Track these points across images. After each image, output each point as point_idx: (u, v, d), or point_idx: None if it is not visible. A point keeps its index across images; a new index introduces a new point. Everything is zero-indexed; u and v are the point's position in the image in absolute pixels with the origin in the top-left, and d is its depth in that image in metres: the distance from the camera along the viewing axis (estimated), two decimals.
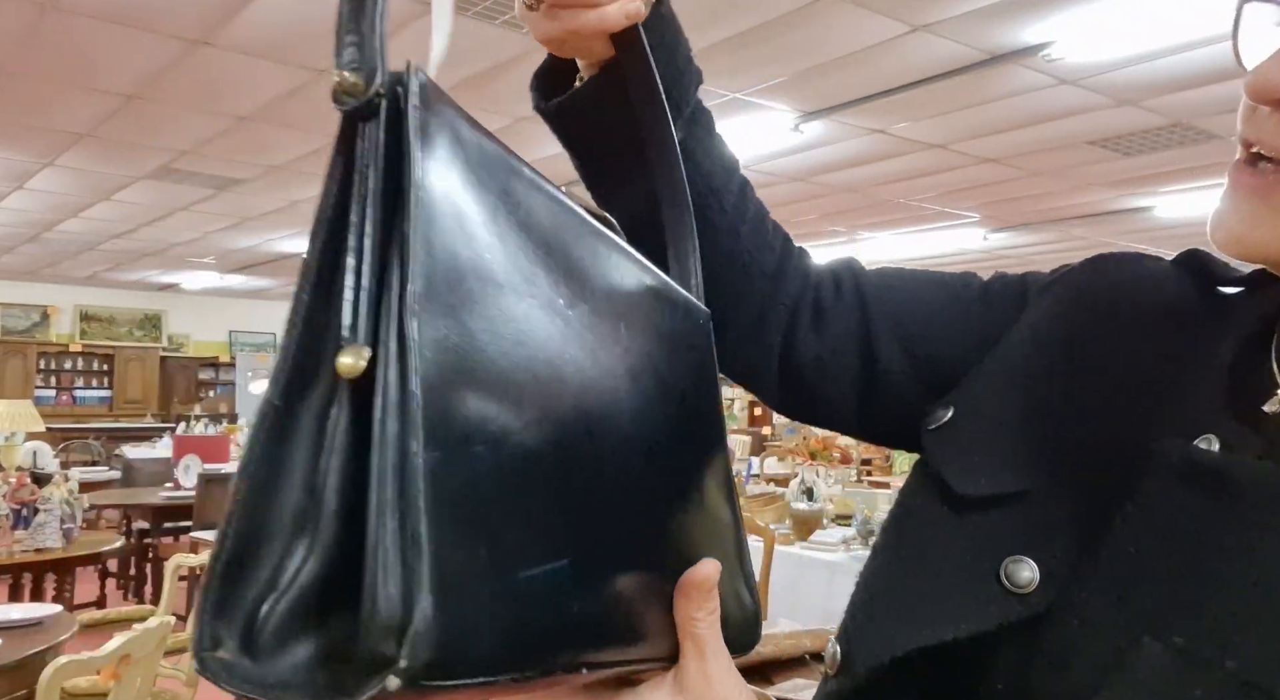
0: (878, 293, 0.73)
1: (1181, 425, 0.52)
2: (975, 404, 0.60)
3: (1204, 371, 0.55)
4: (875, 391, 0.69)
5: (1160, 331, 0.59)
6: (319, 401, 0.32)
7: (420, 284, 0.31)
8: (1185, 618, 0.44)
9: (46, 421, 8.31)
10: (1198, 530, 0.47)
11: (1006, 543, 0.52)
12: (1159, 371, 0.57)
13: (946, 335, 0.68)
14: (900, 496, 0.62)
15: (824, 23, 3.75)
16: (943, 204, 7.05)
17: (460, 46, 4.03)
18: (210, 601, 0.31)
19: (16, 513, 4.23)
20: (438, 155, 0.34)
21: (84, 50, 4.15)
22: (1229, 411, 0.52)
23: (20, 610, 3.04)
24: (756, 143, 5.36)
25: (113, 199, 7.24)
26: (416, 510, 0.29)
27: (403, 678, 0.28)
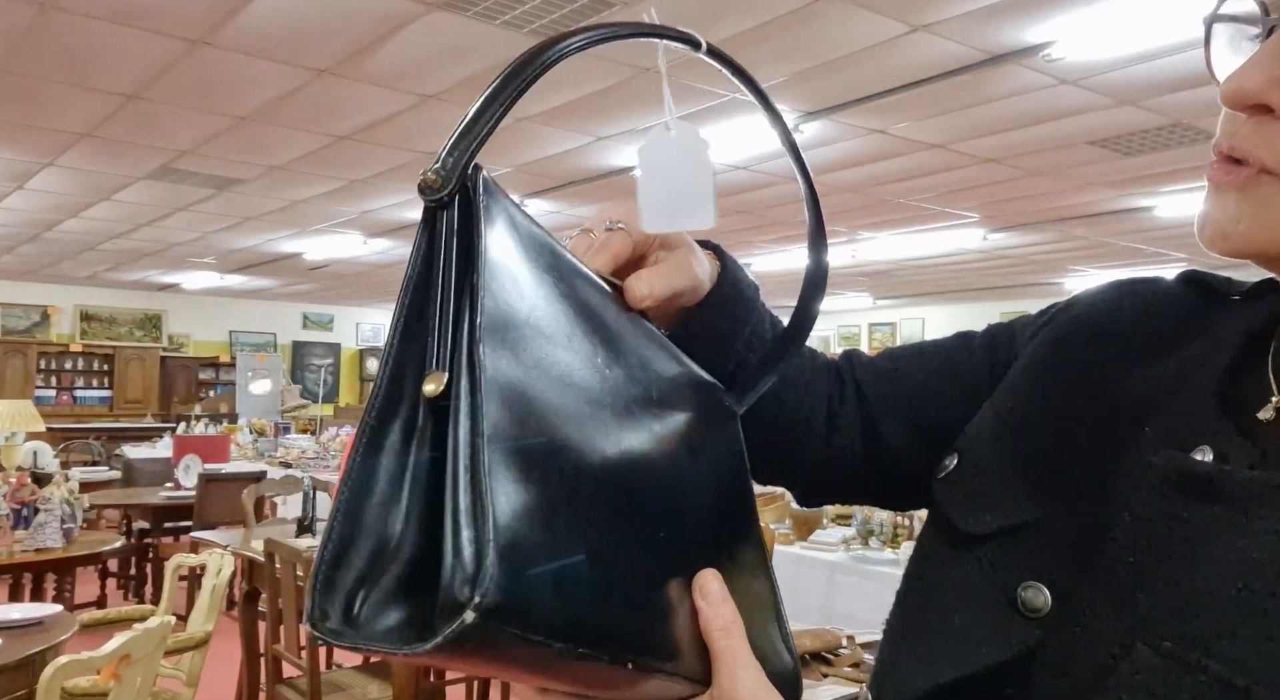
0: (876, 387, 0.76)
1: (1178, 438, 0.53)
2: (977, 448, 0.62)
3: (1199, 383, 0.56)
4: (891, 471, 0.74)
5: (1154, 349, 0.60)
6: (406, 420, 0.41)
7: (486, 321, 0.40)
8: (1174, 623, 0.45)
9: (47, 421, 8.31)
10: (1189, 538, 0.48)
11: (1018, 572, 0.54)
12: (1154, 388, 0.58)
13: (947, 404, 0.71)
14: (917, 545, 0.65)
15: (824, 23, 3.75)
16: (943, 204, 7.05)
17: (459, 46, 4.03)
18: (320, 584, 0.39)
19: (17, 513, 4.23)
20: (498, 233, 0.44)
21: (84, 50, 4.15)
22: (1224, 421, 0.53)
23: (20, 610, 3.04)
24: (756, 143, 5.36)
25: (113, 199, 7.24)
26: (484, 489, 0.37)
27: (477, 612, 0.35)
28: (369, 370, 15.81)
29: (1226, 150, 0.50)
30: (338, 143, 5.56)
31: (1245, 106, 0.48)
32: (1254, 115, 0.48)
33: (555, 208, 7.31)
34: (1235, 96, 0.48)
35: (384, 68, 4.28)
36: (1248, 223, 0.49)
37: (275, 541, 3.36)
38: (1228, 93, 0.48)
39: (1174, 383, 0.57)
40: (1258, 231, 0.49)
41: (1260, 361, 0.55)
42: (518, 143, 5.47)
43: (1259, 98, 0.47)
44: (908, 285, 11.88)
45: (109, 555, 4.91)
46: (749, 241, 8.73)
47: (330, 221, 8.07)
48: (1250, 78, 0.47)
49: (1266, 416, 0.52)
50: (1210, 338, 0.58)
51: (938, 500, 0.62)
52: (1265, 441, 0.51)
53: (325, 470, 6.92)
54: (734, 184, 6.44)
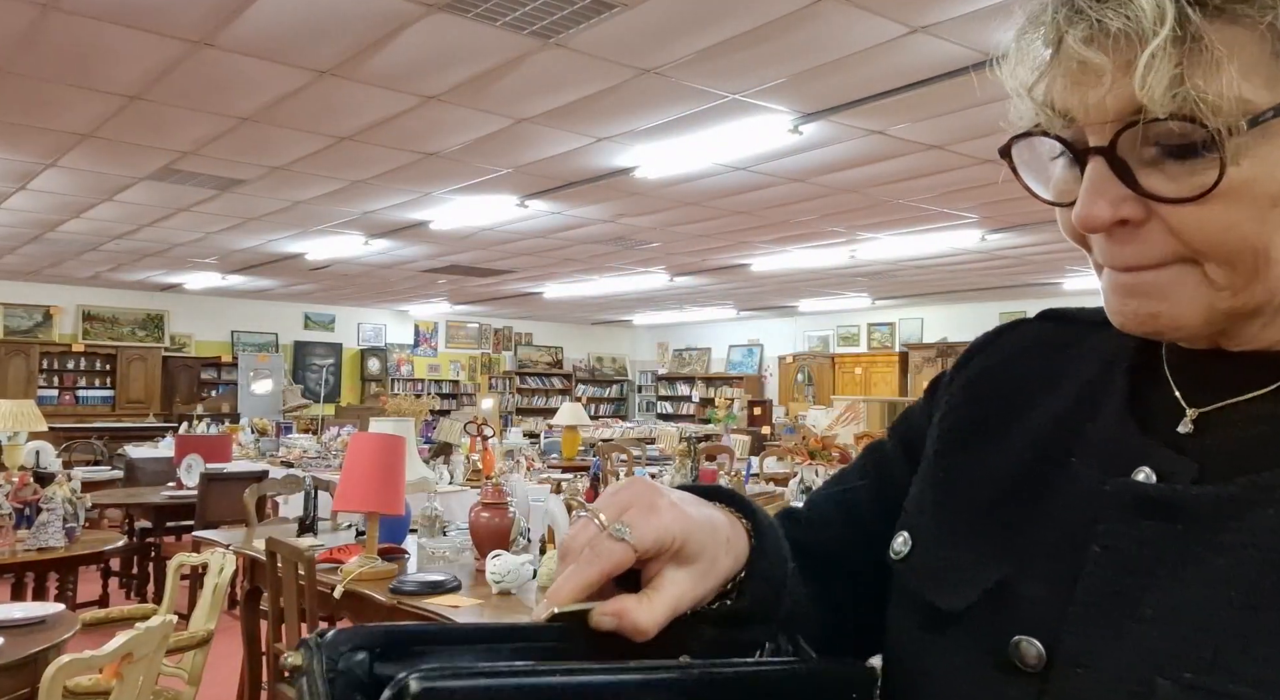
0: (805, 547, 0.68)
1: (1110, 463, 0.55)
2: (922, 524, 0.63)
3: (1109, 407, 0.58)
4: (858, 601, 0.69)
5: (1050, 382, 0.63)
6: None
7: None
8: (1186, 652, 0.46)
9: (49, 421, 8.32)
10: (1164, 560, 0.50)
11: (1004, 631, 0.54)
12: (1065, 418, 0.60)
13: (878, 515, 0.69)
14: (890, 630, 0.64)
15: (823, 24, 3.76)
16: (941, 204, 7.05)
17: (461, 48, 4.04)
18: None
19: (19, 512, 4.24)
20: None
21: (86, 51, 4.16)
22: (1150, 441, 0.55)
23: (23, 609, 3.05)
24: (755, 144, 5.37)
25: (115, 199, 7.26)
26: None
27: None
28: (370, 370, 15.82)
29: (1125, 266, 0.52)
30: (339, 143, 5.58)
31: (1103, 228, 0.52)
32: (1114, 230, 0.52)
33: (555, 208, 7.32)
34: (1093, 223, 0.51)
35: (385, 69, 4.29)
36: (1170, 308, 0.52)
37: (277, 540, 3.37)
38: (1084, 223, 0.51)
39: (1083, 410, 0.60)
40: (1184, 313, 0.51)
41: (1156, 378, 0.57)
42: (518, 143, 5.48)
43: (1112, 219, 0.51)
44: (907, 285, 11.88)
45: (111, 554, 4.92)
46: (748, 242, 8.74)
47: (332, 222, 8.08)
48: (1094, 206, 0.51)
49: (1185, 430, 0.54)
50: (1097, 362, 0.61)
51: (904, 583, 0.62)
52: (1196, 455, 0.53)
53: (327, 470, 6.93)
54: (734, 184, 6.45)
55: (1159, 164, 0.49)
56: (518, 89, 4.55)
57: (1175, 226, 0.49)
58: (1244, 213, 0.48)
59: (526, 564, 3.19)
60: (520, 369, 17.65)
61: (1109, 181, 0.50)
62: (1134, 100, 0.47)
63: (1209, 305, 0.51)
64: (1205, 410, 0.54)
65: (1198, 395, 0.55)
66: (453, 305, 15.19)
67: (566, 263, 10.29)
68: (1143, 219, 0.50)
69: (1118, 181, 0.50)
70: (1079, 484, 0.56)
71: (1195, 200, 0.48)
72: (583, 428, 9.86)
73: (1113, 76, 0.48)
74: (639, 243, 8.96)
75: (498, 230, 8.28)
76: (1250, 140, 0.46)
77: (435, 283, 12.24)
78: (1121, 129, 0.49)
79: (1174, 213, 0.49)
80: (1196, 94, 0.45)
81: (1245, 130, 0.46)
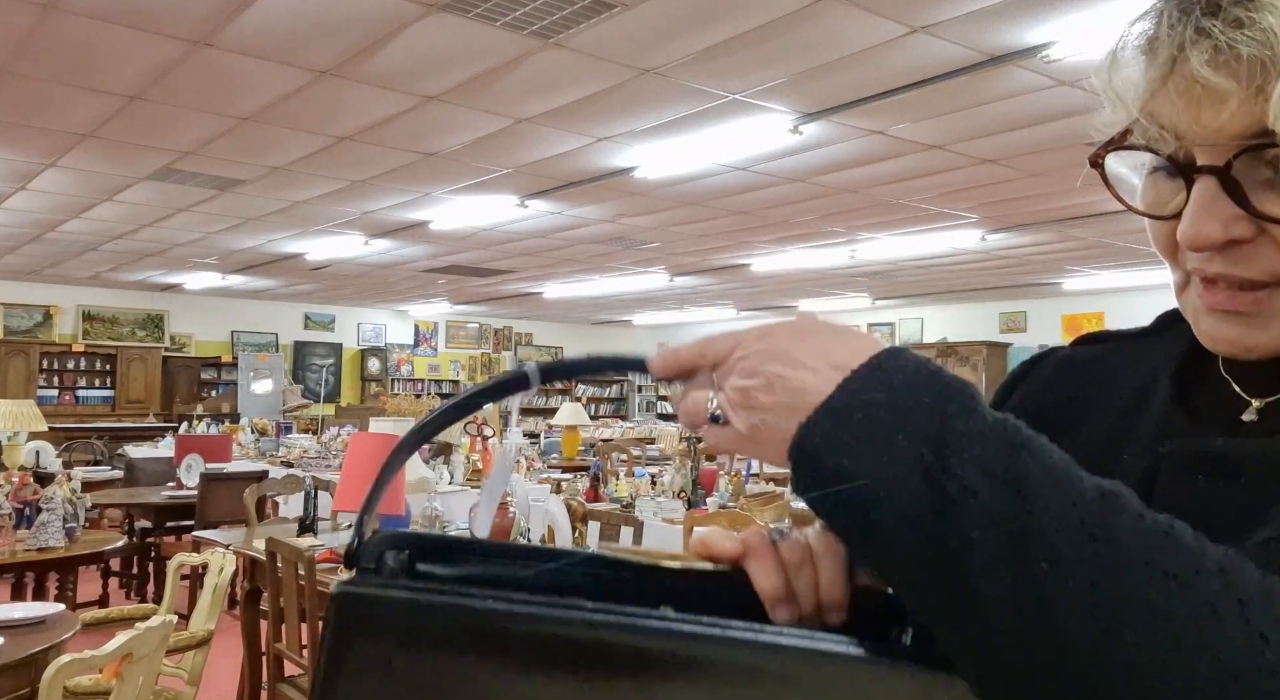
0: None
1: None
2: None
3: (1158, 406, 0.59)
4: None
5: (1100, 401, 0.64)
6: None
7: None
8: None
9: (49, 421, 8.32)
10: (1229, 516, 0.50)
11: None
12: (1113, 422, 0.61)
13: None
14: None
15: (823, 24, 3.76)
16: (941, 204, 7.05)
17: (461, 48, 4.04)
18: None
19: (19, 512, 4.24)
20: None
21: (86, 51, 4.16)
22: (1204, 432, 0.56)
23: (23, 609, 3.05)
24: (755, 144, 5.37)
25: (115, 199, 7.26)
26: None
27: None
28: (370, 370, 15.82)
29: (1222, 277, 0.53)
30: (339, 144, 5.58)
31: (1213, 247, 0.52)
32: (1224, 248, 0.52)
33: (555, 208, 7.32)
34: (1204, 242, 0.51)
35: (385, 69, 4.30)
36: (1269, 335, 0.52)
37: (277, 540, 3.37)
38: (1194, 241, 0.52)
39: (1131, 411, 0.60)
40: (1272, 340, 0.53)
41: (1205, 379, 0.58)
42: (518, 143, 5.48)
43: (1226, 238, 0.51)
44: (907, 285, 11.88)
45: (111, 554, 4.92)
46: (748, 242, 8.74)
47: (332, 222, 8.08)
48: (1208, 225, 0.51)
49: (1250, 418, 0.55)
50: (1141, 372, 0.62)
51: None
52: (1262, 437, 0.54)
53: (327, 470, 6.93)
54: (734, 184, 6.45)
55: (1273, 185, 0.49)
56: (518, 89, 4.55)
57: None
58: None
59: None
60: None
61: (1220, 201, 0.50)
62: (1259, 123, 0.47)
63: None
64: (1270, 400, 0.55)
65: (1256, 390, 0.56)
66: (453, 305, 15.19)
67: (566, 263, 10.29)
68: (1251, 238, 0.51)
69: (1229, 201, 0.50)
70: (1132, 462, 0.57)
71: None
72: (583, 428, 9.86)
73: (1240, 99, 0.48)
74: (639, 243, 8.96)
75: (498, 230, 8.28)
76: None
77: (435, 283, 12.24)
78: (1240, 151, 0.49)
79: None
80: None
81: None
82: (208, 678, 3.40)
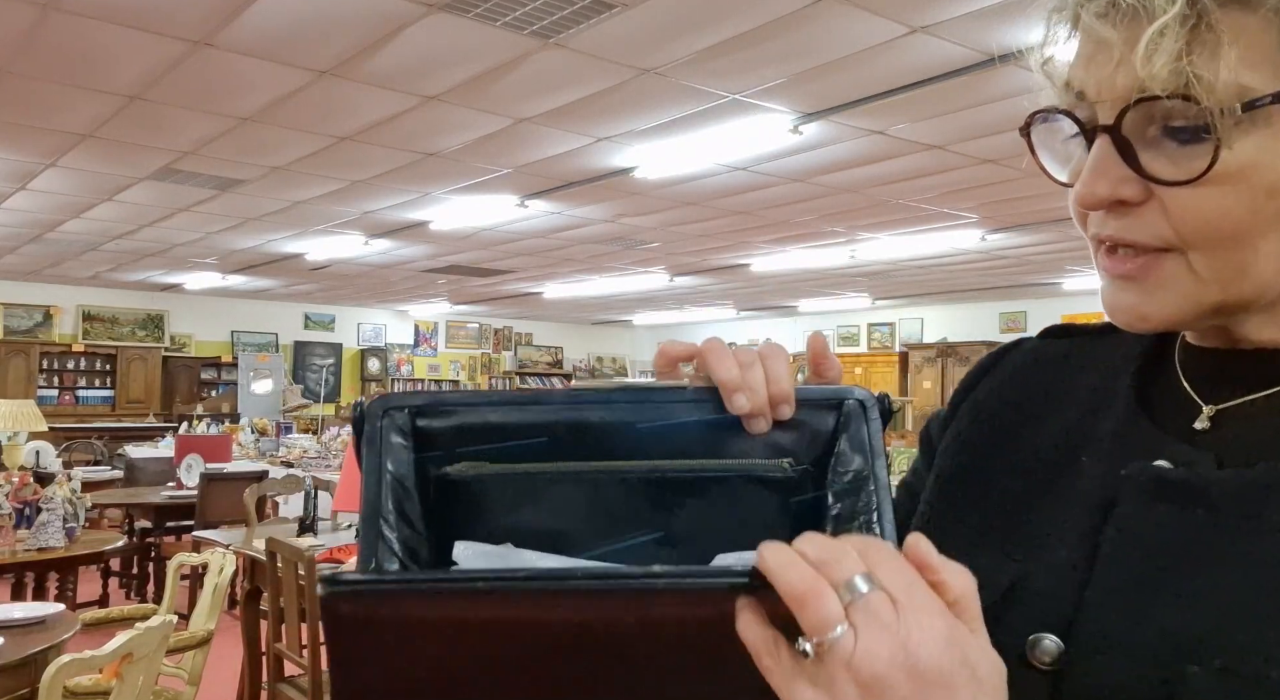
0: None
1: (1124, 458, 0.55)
2: (942, 525, 0.62)
3: (1117, 406, 0.58)
4: None
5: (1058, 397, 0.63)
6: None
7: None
8: (1217, 637, 0.46)
9: (49, 421, 8.33)
10: (1186, 544, 0.49)
11: (1019, 631, 0.53)
12: (1072, 422, 0.60)
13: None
14: None
15: (823, 24, 3.76)
16: (941, 204, 7.05)
17: (461, 48, 4.04)
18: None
19: (19, 512, 4.24)
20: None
21: (86, 51, 4.16)
22: (1164, 436, 0.55)
23: (23, 609, 3.05)
24: (755, 144, 5.37)
25: (115, 199, 7.26)
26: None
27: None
28: (370, 370, 15.82)
29: (1112, 239, 0.53)
30: (339, 144, 5.58)
31: (1101, 207, 0.52)
32: (1114, 208, 0.52)
33: (555, 208, 7.32)
34: (1091, 200, 0.52)
35: (385, 69, 4.29)
36: (1158, 303, 0.52)
37: (277, 541, 3.37)
38: (1082, 198, 0.52)
39: (1091, 414, 0.59)
40: (1170, 309, 0.52)
41: (1166, 378, 0.58)
42: (518, 143, 5.48)
43: (1111, 197, 0.51)
44: (907, 285, 11.88)
45: (111, 554, 4.92)
46: (748, 242, 8.74)
47: (332, 222, 8.08)
48: (1096, 184, 0.51)
49: (1202, 426, 0.54)
50: (1104, 369, 0.61)
51: None
52: (1212, 450, 0.53)
53: (327, 470, 6.93)
54: (734, 184, 6.45)
55: (1162, 146, 0.49)
56: (518, 89, 4.55)
57: (1170, 209, 0.50)
58: (1238, 201, 0.48)
59: None
60: (520, 369, 17.65)
61: (1112, 160, 0.50)
62: (1141, 79, 0.48)
63: (1195, 300, 0.51)
64: (1222, 407, 0.54)
65: (1211, 393, 0.55)
66: (453, 305, 15.19)
67: (566, 263, 10.29)
68: (1141, 200, 0.51)
69: (1121, 161, 0.50)
70: (1090, 476, 0.56)
71: (1191, 183, 0.48)
72: None
73: (1121, 52, 0.48)
74: (639, 243, 8.96)
75: (498, 230, 8.28)
76: (1248, 126, 0.47)
77: (435, 283, 12.24)
78: (1126, 107, 0.49)
79: (1171, 195, 0.49)
80: (1193, 71, 0.46)
81: (1240, 113, 0.46)
82: (208, 678, 3.40)
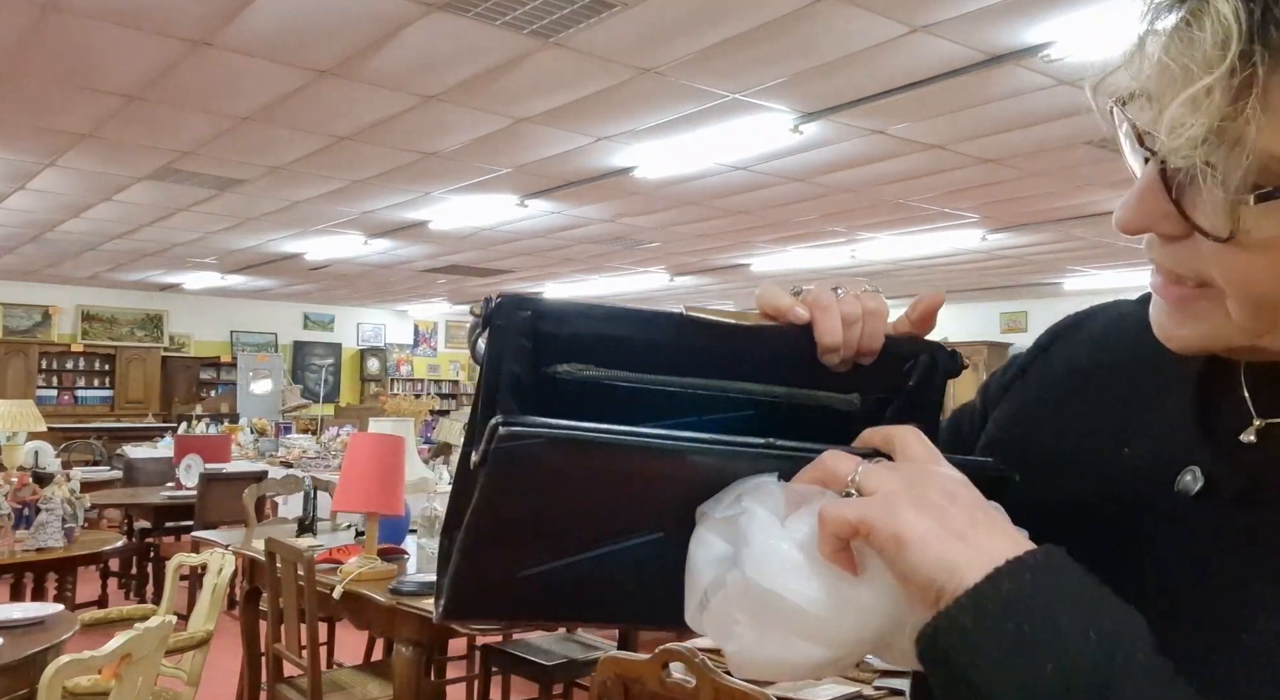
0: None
1: (1160, 459, 0.54)
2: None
3: (1173, 403, 0.57)
4: None
5: (1126, 371, 0.62)
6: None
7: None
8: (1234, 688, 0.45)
9: (48, 421, 8.32)
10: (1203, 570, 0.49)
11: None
12: (1128, 410, 0.59)
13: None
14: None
15: (824, 23, 3.75)
16: (942, 204, 7.05)
17: (461, 48, 4.03)
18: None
19: (18, 512, 4.24)
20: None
21: (85, 51, 4.16)
22: (1208, 442, 0.54)
23: (21, 609, 3.04)
24: (756, 143, 5.37)
25: (114, 199, 7.25)
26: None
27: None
28: (369, 370, 15.81)
29: (1157, 264, 0.52)
30: (339, 143, 5.57)
31: (1134, 233, 0.50)
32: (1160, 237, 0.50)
33: (555, 208, 7.32)
34: (1125, 228, 0.50)
35: (385, 68, 4.29)
36: (1187, 331, 0.51)
37: (276, 541, 3.36)
38: (1119, 224, 0.50)
39: (1148, 402, 0.58)
40: (1196, 339, 0.51)
41: (1231, 381, 0.55)
42: (518, 143, 5.48)
43: (1148, 231, 0.49)
44: (907, 285, 11.87)
45: (110, 555, 4.91)
46: (749, 242, 8.74)
47: (331, 222, 8.08)
48: (1133, 213, 0.49)
49: (1248, 439, 0.52)
50: (1178, 358, 0.59)
51: None
52: (1250, 465, 0.51)
53: (326, 470, 6.92)
54: (734, 184, 6.45)
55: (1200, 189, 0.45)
56: (518, 89, 4.54)
57: (1206, 256, 0.47)
58: (1267, 271, 0.45)
59: None
60: None
61: (1157, 192, 0.47)
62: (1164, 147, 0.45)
63: (1225, 338, 0.49)
64: (1274, 422, 0.52)
65: (1270, 405, 0.53)
66: (452, 305, 15.18)
67: (566, 263, 10.29)
68: (1181, 236, 0.48)
69: (1165, 195, 0.47)
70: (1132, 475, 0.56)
71: (1221, 241, 0.45)
72: None
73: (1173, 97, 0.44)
74: (639, 243, 8.96)
75: (497, 230, 8.27)
76: (1274, 207, 0.43)
77: (435, 283, 12.24)
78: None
79: (1207, 243, 0.46)
80: (1207, 159, 0.43)
81: (1251, 205, 0.43)
82: (207, 678, 3.39)
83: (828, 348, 0.60)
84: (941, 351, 0.65)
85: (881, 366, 0.63)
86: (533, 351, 0.58)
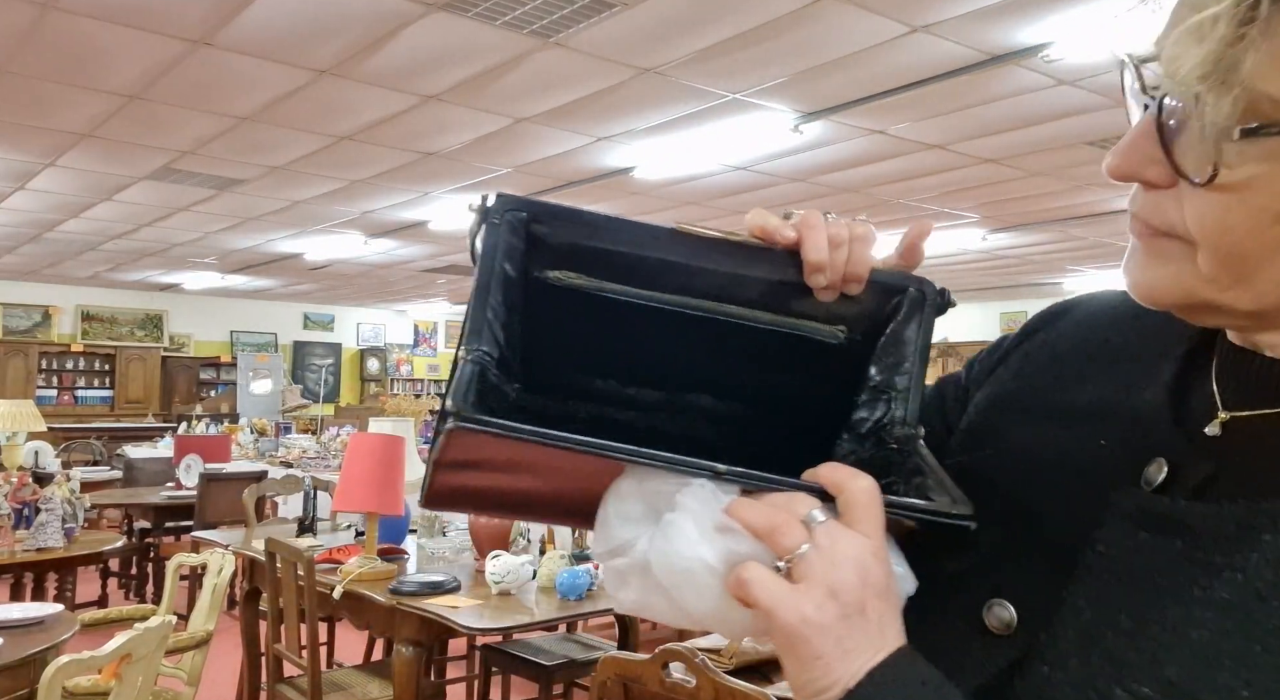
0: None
1: (1131, 449, 0.55)
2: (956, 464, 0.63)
3: (1148, 393, 0.57)
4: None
5: (1108, 359, 0.62)
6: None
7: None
8: (1149, 667, 0.46)
9: (48, 421, 8.32)
10: (1155, 575, 0.49)
11: (985, 588, 0.55)
12: (1105, 398, 0.59)
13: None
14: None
15: (824, 23, 3.75)
16: (942, 204, 7.05)
17: (461, 47, 4.03)
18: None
19: (18, 512, 4.24)
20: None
21: (85, 50, 4.16)
22: (1176, 433, 0.54)
23: (21, 609, 3.04)
24: (756, 143, 5.37)
25: (114, 199, 7.25)
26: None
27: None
28: (369, 370, 15.81)
29: (1134, 216, 0.52)
30: (338, 143, 5.57)
31: (1125, 180, 0.51)
32: (1144, 184, 0.50)
33: None
34: (1113, 173, 0.50)
35: (385, 68, 4.29)
36: (1153, 274, 0.51)
37: (276, 541, 3.36)
38: (1108, 169, 0.51)
39: (1124, 391, 0.58)
40: (1162, 283, 0.51)
41: (1205, 374, 0.56)
42: (518, 143, 5.48)
43: (1135, 177, 0.50)
44: None
45: (110, 555, 4.91)
46: None
47: (331, 222, 8.08)
48: (1125, 158, 0.50)
49: (1213, 432, 0.53)
50: (1158, 346, 0.60)
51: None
52: (1216, 457, 0.52)
53: (326, 470, 6.92)
54: (734, 184, 6.45)
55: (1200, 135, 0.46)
56: (518, 89, 4.54)
57: (1185, 204, 0.48)
58: (1243, 217, 0.45)
59: (526, 564, 3.19)
60: None
61: (1149, 138, 0.48)
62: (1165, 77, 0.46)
63: (1190, 288, 0.49)
64: (1238, 415, 0.52)
65: (1236, 398, 0.53)
66: (452, 305, 15.18)
67: None
68: (1166, 185, 0.49)
69: (1157, 141, 0.48)
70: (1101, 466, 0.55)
71: (1202, 185, 0.46)
72: None
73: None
74: None
75: None
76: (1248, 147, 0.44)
77: (435, 282, 12.24)
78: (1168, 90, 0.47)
79: (1189, 188, 0.47)
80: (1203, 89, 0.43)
81: (1236, 138, 0.43)
82: (207, 678, 3.39)
83: (814, 266, 0.60)
84: (930, 286, 0.66)
85: (869, 300, 0.64)
86: (525, 253, 0.60)
